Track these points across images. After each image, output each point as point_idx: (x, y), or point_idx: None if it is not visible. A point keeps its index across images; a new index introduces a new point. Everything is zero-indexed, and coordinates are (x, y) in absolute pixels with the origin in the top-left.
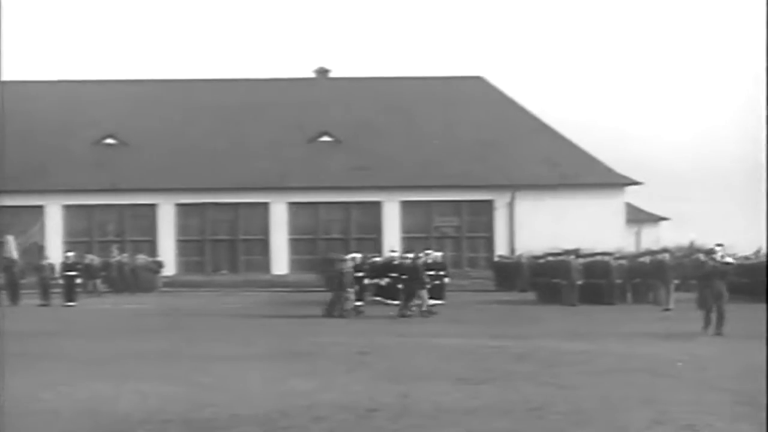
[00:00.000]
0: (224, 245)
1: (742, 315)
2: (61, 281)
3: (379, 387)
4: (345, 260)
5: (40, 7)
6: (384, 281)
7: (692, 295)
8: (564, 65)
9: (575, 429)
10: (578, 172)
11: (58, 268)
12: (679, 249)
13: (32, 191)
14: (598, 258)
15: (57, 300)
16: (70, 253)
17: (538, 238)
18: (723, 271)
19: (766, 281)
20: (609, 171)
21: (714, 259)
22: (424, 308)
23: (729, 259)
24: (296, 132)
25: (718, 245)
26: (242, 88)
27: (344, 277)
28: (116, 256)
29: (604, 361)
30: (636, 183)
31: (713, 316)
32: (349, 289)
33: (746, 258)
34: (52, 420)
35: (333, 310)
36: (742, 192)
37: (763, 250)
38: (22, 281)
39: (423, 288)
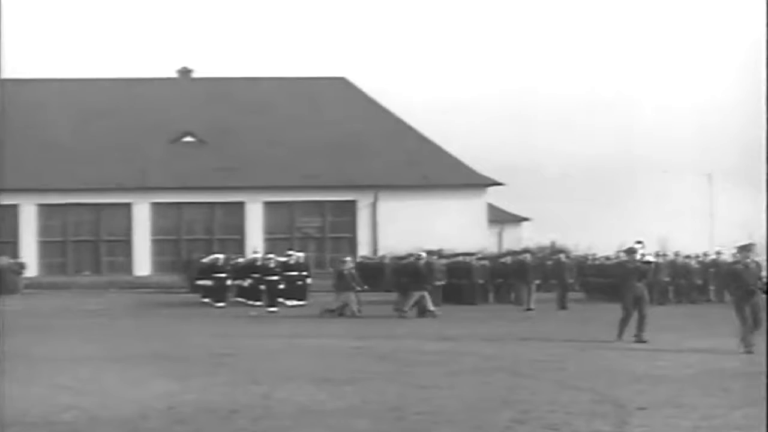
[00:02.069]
0: (86, 246)
1: (603, 315)
2: None
3: (241, 388)
4: (346, 261)
5: None
6: (246, 282)
7: (553, 295)
8: (428, 66)
9: (436, 429)
10: (441, 173)
11: None
12: (541, 249)
13: None
14: (461, 258)
15: None
16: None
17: (401, 238)
18: (644, 271)
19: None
20: (471, 172)
21: (634, 259)
22: (429, 308)
23: (650, 258)
24: (159, 132)
25: (638, 242)
26: (104, 87)
27: (347, 278)
28: None
29: (465, 361)
30: (498, 184)
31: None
32: (356, 290)
33: (607, 258)
34: None
35: (342, 311)
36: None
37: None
38: None
39: (422, 288)
